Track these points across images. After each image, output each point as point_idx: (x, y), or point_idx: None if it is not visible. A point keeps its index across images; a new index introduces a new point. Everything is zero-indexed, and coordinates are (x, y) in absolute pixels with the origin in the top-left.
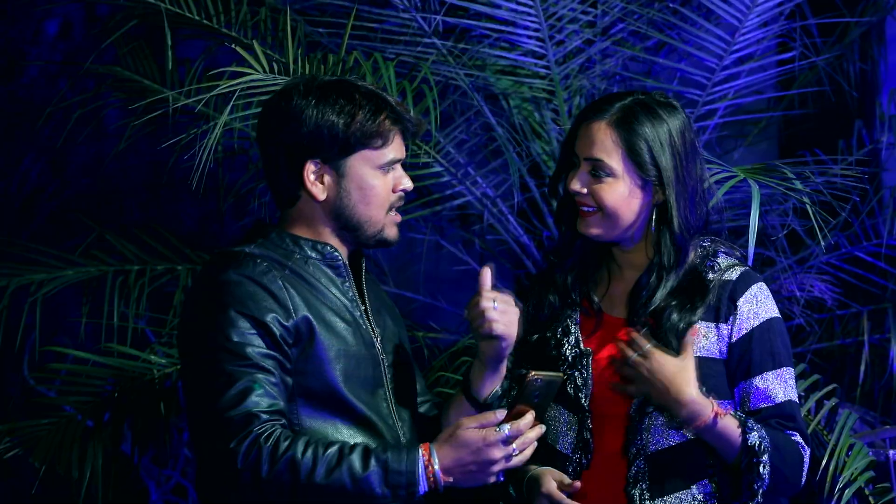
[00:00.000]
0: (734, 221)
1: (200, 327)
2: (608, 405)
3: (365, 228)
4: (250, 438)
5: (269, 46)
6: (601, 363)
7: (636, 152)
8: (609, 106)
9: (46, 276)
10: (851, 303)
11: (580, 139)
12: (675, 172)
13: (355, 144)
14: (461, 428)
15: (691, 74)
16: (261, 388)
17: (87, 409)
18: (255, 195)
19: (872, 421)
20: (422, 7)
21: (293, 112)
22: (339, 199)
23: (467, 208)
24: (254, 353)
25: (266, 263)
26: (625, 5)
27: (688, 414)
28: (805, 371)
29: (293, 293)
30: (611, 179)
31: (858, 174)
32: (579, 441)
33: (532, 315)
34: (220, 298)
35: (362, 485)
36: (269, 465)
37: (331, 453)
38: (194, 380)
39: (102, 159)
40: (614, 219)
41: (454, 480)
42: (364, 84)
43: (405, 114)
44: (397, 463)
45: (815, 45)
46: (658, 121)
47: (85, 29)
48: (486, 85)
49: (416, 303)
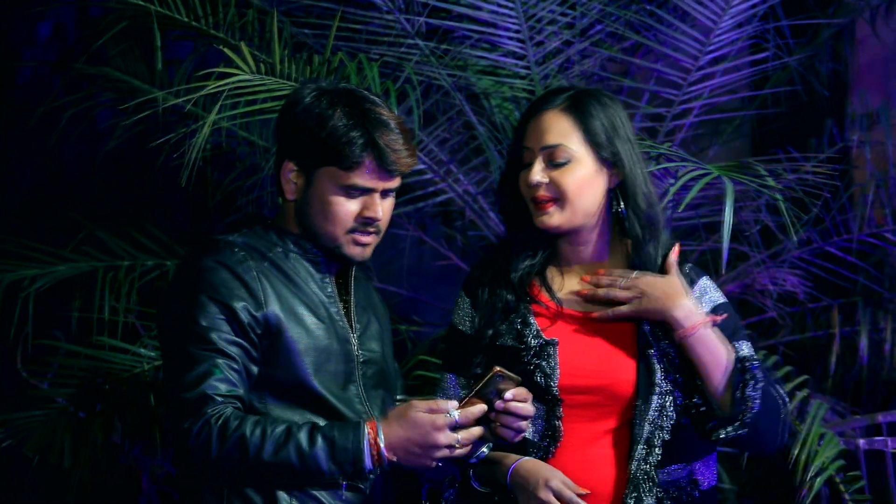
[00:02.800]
0: (709, 217)
1: (173, 309)
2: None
3: (323, 240)
4: (203, 420)
5: (256, 47)
6: (566, 354)
7: (593, 132)
8: (555, 97)
9: (39, 272)
10: (822, 296)
11: (531, 134)
12: (629, 152)
13: (323, 157)
14: (412, 409)
15: (667, 74)
16: (221, 374)
17: (78, 401)
18: (242, 192)
19: (843, 411)
20: (405, 9)
21: (292, 109)
22: (304, 205)
23: (449, 205)
24: (219, 338)
25: (243, 253)
26: (603, 7)
27: (685, 316)
28: (778, 363)
29: (266, 285)
30: (570, 164)
31: (829, 171)
32: (548, 429)
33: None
34: (194, 283)
35: (309, 461)
36: (218, 445)
37: (279, 432)
38: (164, 359)
39: (94, 157)
40: (575, 205)
41: (398, 459)
42: (371, 105)
43: (388, 147)
44: (343, 439)
45: (787, 45)
46: (605, 106)
47: (77, 31)
48: (468, 85)
49: (399, 297)
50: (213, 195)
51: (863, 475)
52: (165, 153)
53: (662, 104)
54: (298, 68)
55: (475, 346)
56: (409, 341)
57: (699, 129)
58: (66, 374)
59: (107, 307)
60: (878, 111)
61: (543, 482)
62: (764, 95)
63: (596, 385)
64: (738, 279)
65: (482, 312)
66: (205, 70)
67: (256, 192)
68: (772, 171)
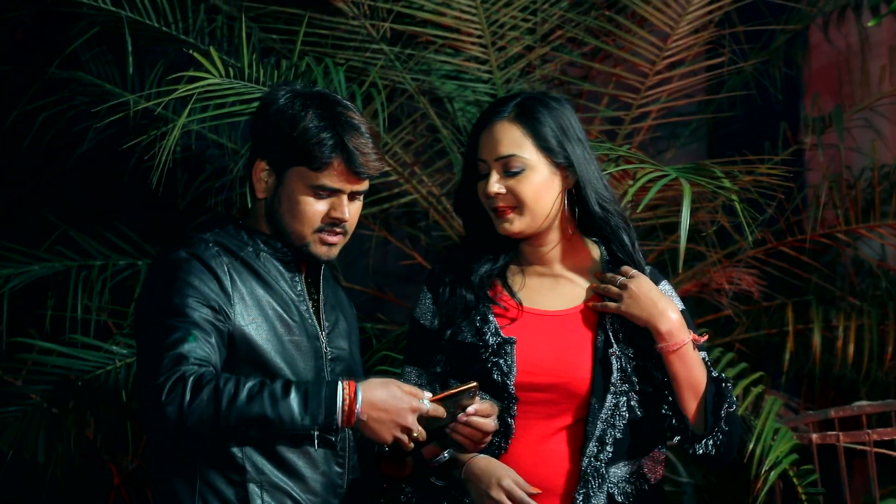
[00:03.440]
0: (666, 218)
1: (150, 296)
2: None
3: (290, 238)
4: (177, 375)
5: (225, 52)
6: (523, 352)
7: (544, 138)
8: (503, 107)
9: (13, 271)
10: (777, 295)
11: (484, 146)
12: (581, 152)
13: (293, 157)
14: (395, 383)
15: (626, 79)
16: (195, 341)
17: (52, 398)
18: (211, 193)
19: (796, 406)
20: (370, 15)
21: (266, 110)
22: (273, 203)
23: (414, 206)
24: (195, 314)
25: (217, 248)
26: (563, 13)
27: (669, 331)
28: (733, 359)
29: (237, 280)
30: (525, 172)
31: (783, 173)
32: (501, 426)
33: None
34: (170, 271)
35: (281, 409)
36: (191, 396)
37: (252, 383)
38: (140, 339)
39: (67, 160)
40: (535, 211)
41: (366, 419)
42: (342, 108)
43: (357, 150)
44: (317, 392)
45: (742, 51)
46: (552, 110)
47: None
48: (432, 89)
49: (364, 295)
50: (184, 196)
51: (815, 469)
52: (137, 155)
53: (621, 108)
54: (266, 72)
55: (435, 341)
56: (375, 338)
57: (657, 133)
58: (40, 371)
59: (80, 306)
60: (831, 115)
61: (496, 481)
62: (720, 99)
63: (552, 383)
64: (695, 278)
65: (443, 311)
66: (175, 74)
67: (226, 194)
68: (728, 174)
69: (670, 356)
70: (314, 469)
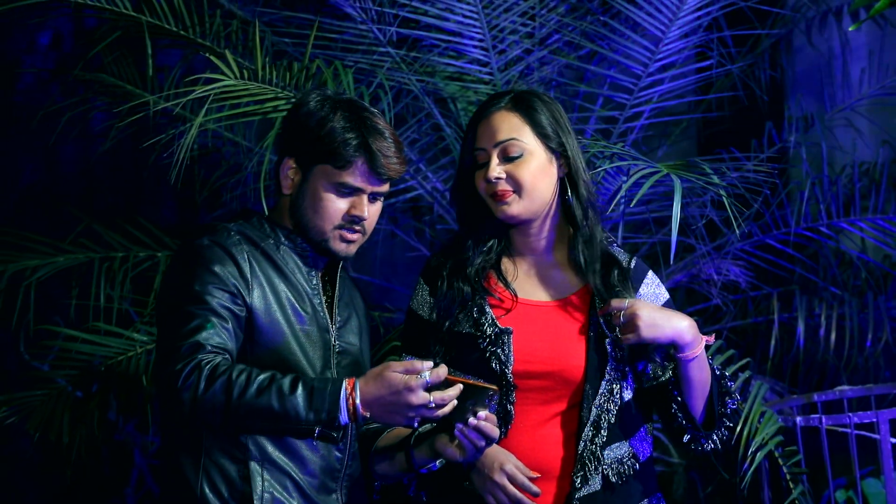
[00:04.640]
0: (658, 212)
1: (172, 281)
2: (527, 380)
3: (311, 233)
4: (193, 363)
5: (240, 55)
6: (520, 342)
7: (540, 125)
8: (499, 99)
9: (40, 263)
10: (763, 285)
11: (482, 135)
12: (573, 142)
13: (319, 155)
14: (388, 369)
15: (620, 80)
16: (213, 328)
17: (76, 382)
18: (227, 189)
19: (781, 391)
20: (378, 19)
21: (298, 111)
22: (298, 199)
23: (419, 200)
24: (213, 301)
25: (238, 237)
26: (560, 18)
27: (692, 337)
28: (722, 346)
29: (256, 269)
30: (524, 156)
31: (769, 170)
32: (501, 412)
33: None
34: (192, 258)
35: (288, 405)
36: (205, 385)
37: (263, 377)
38: (160, 324)
39: (90, 157)
40: (533, 195)
41: (372, 415)
42: (369, 114)
43: (379, 152)
44: (322, 390)
45: (730, 54)
46: (546, 102)
47: (74, 39)
48: (436, 90)
49: (372, 285)
50: (201, 191)
51: (799, 450)
52: (156, 153)
53: (615, 108)
54: (279, 74)
55: (432, 331)
56: (382, 327)
57: (649, 131)
58: (65, 356)
59: (102, 295)
60: (814, 114)
61: (498, 466)
62: (709, 100)
63: (548, 370)
64: (686, 269)
65: (440, 304)
66: (192, 76)
67: (240, 189)
68: (716, 170)
69: (689, 364)
70: (314, 451)
